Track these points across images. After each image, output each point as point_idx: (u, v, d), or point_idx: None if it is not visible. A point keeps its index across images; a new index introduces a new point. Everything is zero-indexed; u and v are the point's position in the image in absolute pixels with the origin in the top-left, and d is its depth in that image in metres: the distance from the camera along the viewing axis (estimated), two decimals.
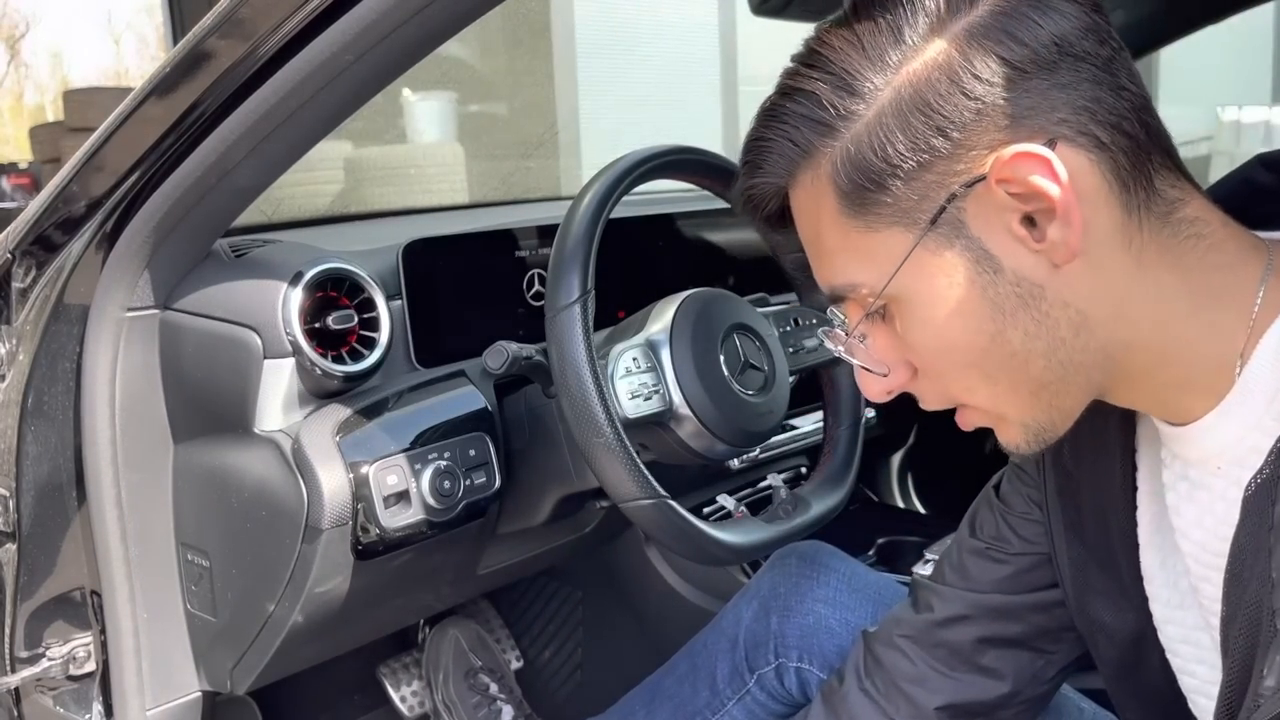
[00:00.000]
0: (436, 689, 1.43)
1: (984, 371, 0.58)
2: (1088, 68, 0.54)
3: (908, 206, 0.56)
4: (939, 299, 0.57)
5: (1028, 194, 0.53)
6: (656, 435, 0.93)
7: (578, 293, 0.84)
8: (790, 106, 0.58)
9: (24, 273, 1.00)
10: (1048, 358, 0.57)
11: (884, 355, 0.62)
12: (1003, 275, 0.55)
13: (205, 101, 0.82)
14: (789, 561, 1.03)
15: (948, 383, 0.61)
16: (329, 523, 0.89)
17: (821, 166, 0.58)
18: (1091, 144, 0.54)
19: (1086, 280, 0.55)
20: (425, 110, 4.89)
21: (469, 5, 0.73)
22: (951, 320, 0.57)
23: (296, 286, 0.91)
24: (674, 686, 1.05)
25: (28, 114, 16.05)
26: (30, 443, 0.98)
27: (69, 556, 1.01)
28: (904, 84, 0.55)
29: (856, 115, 0.56)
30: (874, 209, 0.57)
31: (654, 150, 0.94)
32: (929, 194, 0.55)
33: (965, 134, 0.54)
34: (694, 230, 1.37)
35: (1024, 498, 0.78)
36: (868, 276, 0.58)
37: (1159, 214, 0.56)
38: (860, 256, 0.58)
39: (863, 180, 0.56)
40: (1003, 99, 0.53)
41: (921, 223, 0.56)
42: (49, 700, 1.06)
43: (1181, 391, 0.58)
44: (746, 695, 1.01)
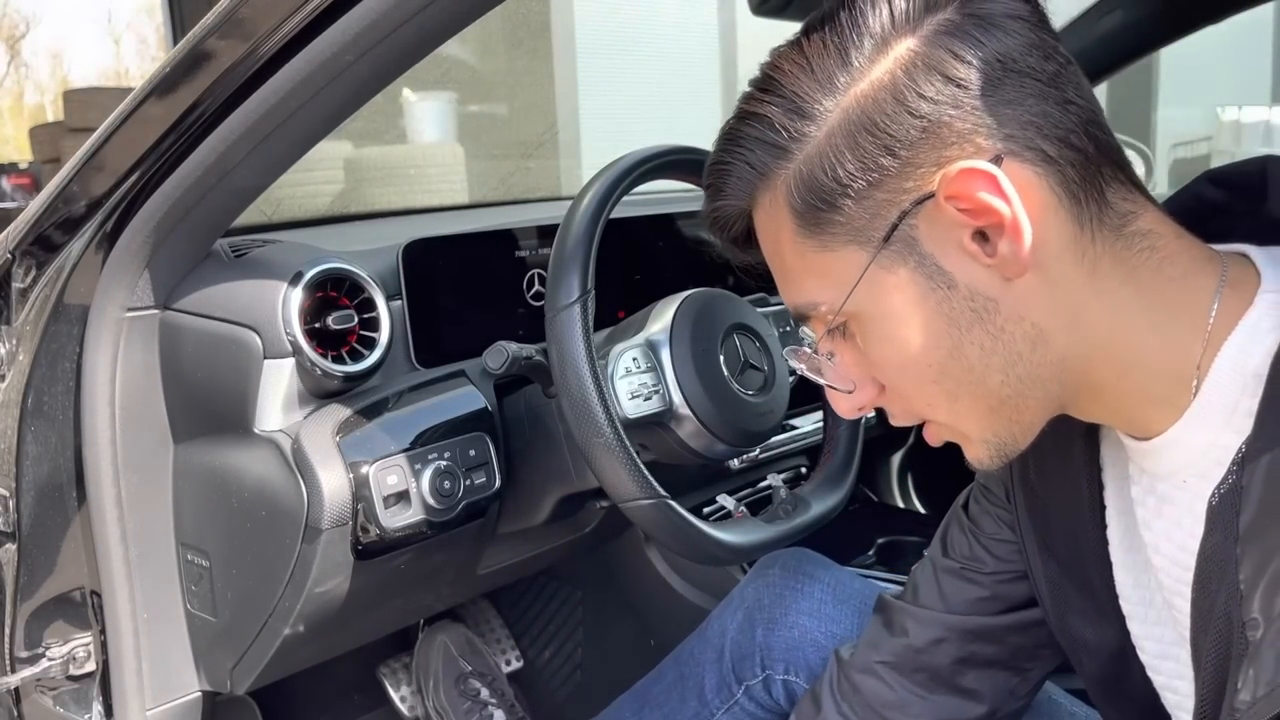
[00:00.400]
0: (427, 695, 1.43)
1: (944, 388, 0.59)
2: (1033, 83, 0.54)
3: (860, 225, 0.56)
4: (895, 315, 0.57)
5: (976, 210, 0.53)
6: (656, 435, 0.93)
7: (578, 293, 0.84)
8: (746, 130, 0.59)
9: (24, 273, 1.00)
10: (1005, 372, 0.57)
11: (851, 372, 0.63)
12: (956, 290, 0.56)
13: (205, 101, 0.82)
14: (772, 572, 1.03)
15: (911, 399, 0.61)
16: (329, 523, 0.89)
17: (777, 189, 0.59)
18: (1039, 158, 0.54)
19: (1040, 294, 0.55)
20: (425, 110, 4.89)
21: (469, 5, 0.73)
22: (909, 336, 0.58)
23: (296, 286, 0.91)
24: (662, 695, 1.05)
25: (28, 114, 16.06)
26: (30, 443, 0.98)
27: (69, 556, 1.01)
28: (852, 105, 0.55)
29: (808, 137, 0.57)
30: (828, 229, 0.57)
31: (654, 150, 0.94)
32: (880, 212, 0.56)
33: (913, 152, 0.54)
34: (694, 230, 1.37)
35: (993, 518, 0.78)
36: (827, 295, 0.59)
37: (1112, 226, 0.56)
38: (818, 276, 0.59)
39: (816, 200, 0.57)
40: (948, 116, 0.54)
41: (875, 240, 0.56)
42: (49, 700, 1.06)
43: (1142, 404, 0.59)
44: (735, 706, 1.01)
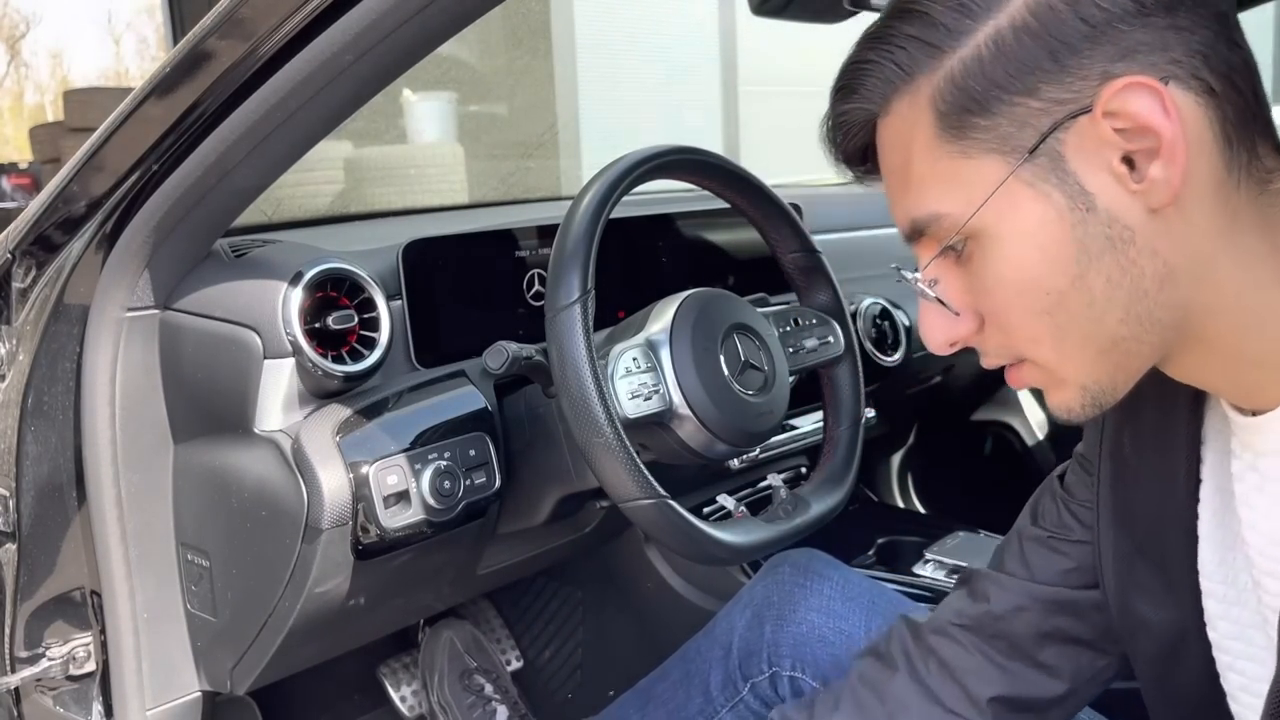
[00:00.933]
0: (432, 690, 1.44)
1: (1055, 321, 0.57)
2: (1207, 15, 0.53)
3: (1007, 133, 0.55)
4: (1025, 234, 0.55)
5: (1134, 129, 0.52)
6: (656, 435, 0.93)
7: (578, 293, 0.84)
8: (900, 27, 0.57)
9: (24, 273, 1.00)
10: (1127, 309, 0.55)
11: (953, 301, 0.61)
12: (1095, 215, 0.54)
13: (205, 101, 0.82)
14: (782, 570, 1.03)
15: (1014, 333, 0.59)
16: (329, 523, 0.89)
17: (921, 90, 0.57)
18: (1203, 89, 0.53)
19: (1178, 231, 0.54)
20: (425, 110, 4.89)
21: (469, 5, 0.73)
22: (1034, 258, 0.56)
23: (296, 286, 0.91)
24: (667, 692, 1.05)
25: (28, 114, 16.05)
26: (30, 443, 0.98)
27: (69, 556, 1.01)
28: (1019, 4, 0.54)
29: (967, 35, 0.55)
30: (971, 134, 0.55)
31: (654, 150, 0.94)
32: (1031, 121, 0.54)
33: (1076, 59, 0.53)
34: (694, 230, 1.37)
35: (1087, 486, 0.77)
36: (954, 206, 0.57)
37: (1257, 179, 0.55)
38: (949, 185, 0.57)
39: (965, 103, 0.55)
40: (1119, 28, 0.52)
41: (1019, 151, 0.54)
42: (49, 700, 1.06)
43: (1256, 369, 0.57)
44: (740, 703, 1.01)
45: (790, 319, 1.06)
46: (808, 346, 1.06)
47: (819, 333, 1.07)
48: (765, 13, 1.04)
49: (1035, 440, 2.17)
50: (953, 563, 1.38)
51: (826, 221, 1.66)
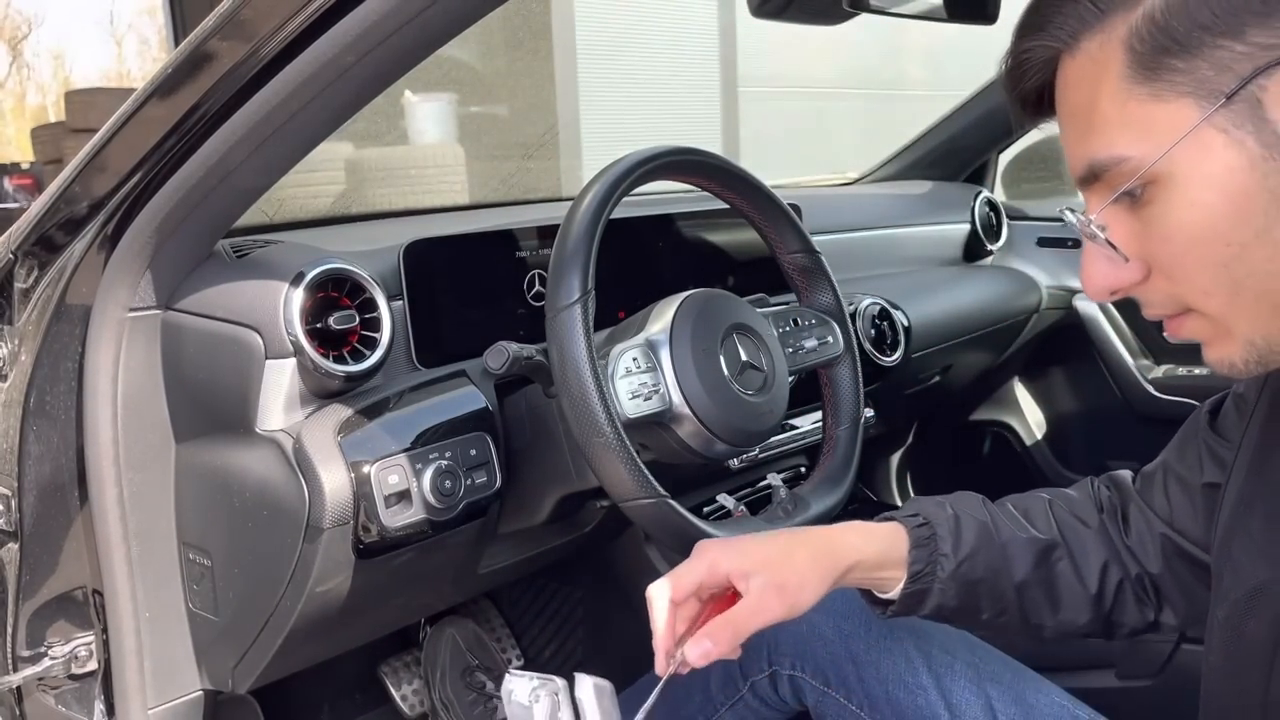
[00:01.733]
0: (434, 688, 1.44)
1: (1232, 274, 0.55)
2: None
3: (1204, 77, 0.53)
4: (1213, 181, 0.54)
5: None
6: (656, 435, 0.93)
7: (578, 293, 0.84)
8: None
9: (26, 273, 1.00)
10: None
11: (1123, 246, 0.59)
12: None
13: (207, 102, 0.83)
14: None
15: (1185, 283, 0.58)
16: (330, 522, 0.89)
17: (1116, 29, 0.56)
18: None
19: None
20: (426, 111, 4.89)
21: (470, 7, 0.74)
22: (1221, 206, 0.54)
23: (298, 287, 0.91)
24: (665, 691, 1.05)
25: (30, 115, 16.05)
26: (32, 442, 0.98)
27: (71, 556, 1.02)
28: None
29: None
30: (1166, 76, 0.54)
31: (654, 151, 0.95)
32: (1231, 66, 0.52)
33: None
34: (694, 230, 1.37)
35: (1236, 426, 0.76)
36: (1140, 149, 0.55)
37: None
38: (1137, 128, 0.56)
39: (1165, 43, 0.54)
40: None
41: (1216, 96, 0.53)
42: (51, 699, 1.06)
43: None
44: (739, 702, 1.01)
45: (790, 319, 1.07)
46: (807, 346, 1.06)
47: (818, 333, 1.08)
48: (765, 14, 1.04)
49: (1034, 440, 2.17)
50: None
51: (826, 221, 1.67)
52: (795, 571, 0.77)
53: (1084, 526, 0.87)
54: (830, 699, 0.97)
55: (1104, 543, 0.86)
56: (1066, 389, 2.18)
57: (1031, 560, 0.84)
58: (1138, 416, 2.01)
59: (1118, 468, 0.92)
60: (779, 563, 0.78)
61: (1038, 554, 0.85)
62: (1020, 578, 0.84)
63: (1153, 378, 1.99)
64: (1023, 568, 0.84)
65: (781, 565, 0.77)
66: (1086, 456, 2.11)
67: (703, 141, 1.04)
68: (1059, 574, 0.85)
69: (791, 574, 0.77)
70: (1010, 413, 2.22)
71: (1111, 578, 0.85)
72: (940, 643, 0.94)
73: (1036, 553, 0.85)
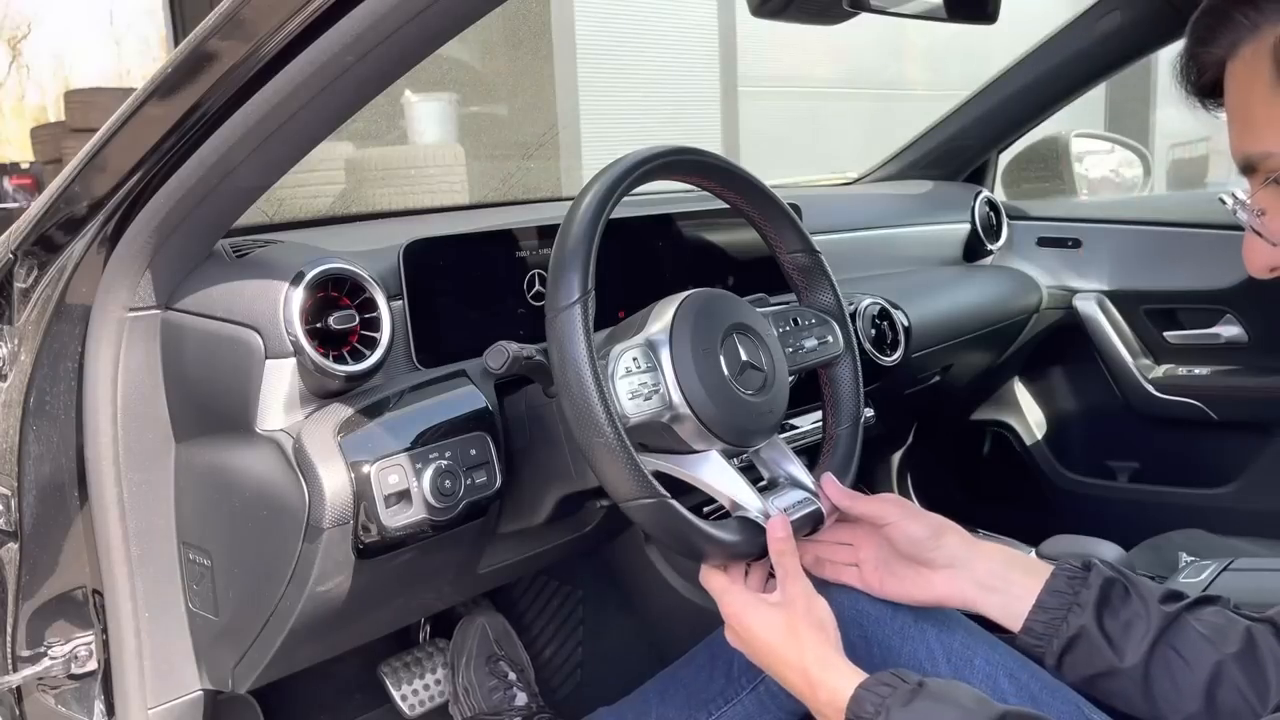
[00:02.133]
0: (458, 673, 1.45)
1: None
2: None
3: None
4: None
5: None
6: (657, 435, 0.93)
7: (578, 293, 0.84)
8: None
9: (26, 273, 1.00)
10: None
11: (1271, 233, 0.68)
12: None
13: (207, 102, 0.83)
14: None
15: None
16: (330, 522, 0.89)
17: (1264, 40, 0.64)
18: None
19: None
20: (426, 111, 4.89)
21: (470, 6, 0.74)
22: None
23: (298, 286, 0.91)
24: (690, 675, 1.06)
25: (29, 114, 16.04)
26: (32, 442, 0.98)
27: (71, 555, 1.02)
28: None
29: None
30: None
31: (654, 151, 0.95)
32: None
33: None
34: (694, 230, 1.37)
35: None
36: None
37: None
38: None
39: None
40: None
41: None
42: (50, 699, 1.06)
43: None
44: (760, 686, 1.01)
45: (790, 319, 1.07)
46: (807, 346, 1.06)
47: (818, 332, 1.07)
48: (765, 14, 1.05)
49: (1033, 440, 2.17)
50: None
51: (826, 221, 1.67)
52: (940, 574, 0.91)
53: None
54: None
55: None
56: (1066, 389, 2.18)
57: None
58: (1138, 416, 2.01)
59: (1118, 468, 0.92)
60: (938, 553, 0.91)
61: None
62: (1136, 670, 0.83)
63: (1153, 378, 1.99)
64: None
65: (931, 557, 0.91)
66: (1086, 456, 2.11)
67: (703, 141, 1.04)
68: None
69: (898, 566, 0.93)
70: (1010, 413, 2.22)
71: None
72: (962, 638, 0.94)
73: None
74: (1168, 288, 2.00)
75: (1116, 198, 2.43)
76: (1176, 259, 1.99)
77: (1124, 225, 2.07)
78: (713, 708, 1.04)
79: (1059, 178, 2.32)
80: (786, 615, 0.84)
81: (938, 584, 0.92)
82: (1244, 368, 1.94)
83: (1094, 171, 2.41)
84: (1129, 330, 2.04)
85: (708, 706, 1.04)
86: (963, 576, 0.91)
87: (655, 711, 1.08)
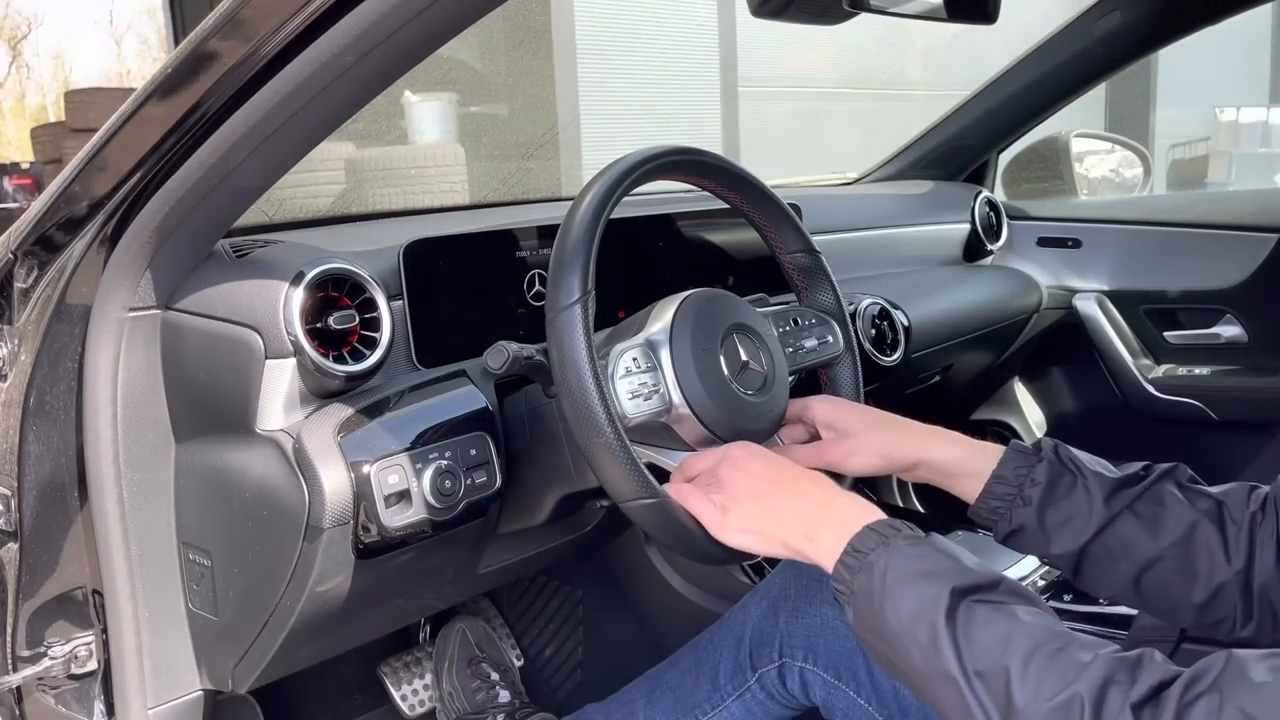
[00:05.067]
0: (441, 679, 1.45)
1: None
2: None
3: None
4: None
5: None
6: (656, 435, 0.93)
7: (578, 293, 0.84)
8: None
9: (26, 273, 1.00)
10: None
11: None
12: None
13: (207, 102, 0.83)
14: (801, 565, 1.04)
15: None
16: (330, 522, 0.89)
17: None
18: None
19: None
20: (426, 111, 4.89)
21: (470, 6, 0.74)
22: None
23: (298, 286, 0.91)
24: (675, 679, 1.06)
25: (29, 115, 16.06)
26: (32, 442, 0.98)
27: (71, 555, 1.02)
28: None
29: None
30: None
31: (654, 151, 0.95)
32: None
33: None
34: (694, 230, 1.37)
35: None
36: None
37: None
38: None
39: None
40: None
41: None
42: (50, 699, 1.06)
43: None
44: (746, 692, 1.01)
45: (789, 319, 1.07)
46: (807, 346, 1.06)
47: (818, 333, 1.08)
48: (765, 14, 1.05)
49: (1034, 440, 2.17)
50: None
51: (826, 221, 1.67)
52: (861, 439, 0.93)
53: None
54: (840, 692, 0.97)
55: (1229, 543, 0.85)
56: (1066, 389, 2.18)
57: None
58: (1138, 416, 2.01)
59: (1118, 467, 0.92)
60: (852, 423, 0.94)
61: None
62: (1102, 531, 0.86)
63: (1153, 378, 1.99)
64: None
65: (849, 428, 0.94)
66: None
67: (703, 141, 1.04)
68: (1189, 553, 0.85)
69: (858, 438, 0.94)
70: (1010, 413, 2.22)
71: (1218, 575, 0.84)
72: None
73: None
74: (1168, 288, 2.00)
75: (1116, 198, 2.43)
76: (1176, 259, 1.99)
77: (1124, 225, 2.07)
78: (699, 712, 1.04)
79: (1059, 178, 2.32)
80: (788, 461, 0.86)
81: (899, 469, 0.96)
82: (1244, 368, 1.94)
83: (1094, 171, 2.41)
84: (1129, 330, 2.04)
85: (694, 711, 1.04)
86: (922, 469, 0.95)
87: (643, 713, 1.08)
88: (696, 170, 0.99)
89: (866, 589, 0.74)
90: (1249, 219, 1.94)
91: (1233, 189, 7.14)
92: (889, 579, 0.72)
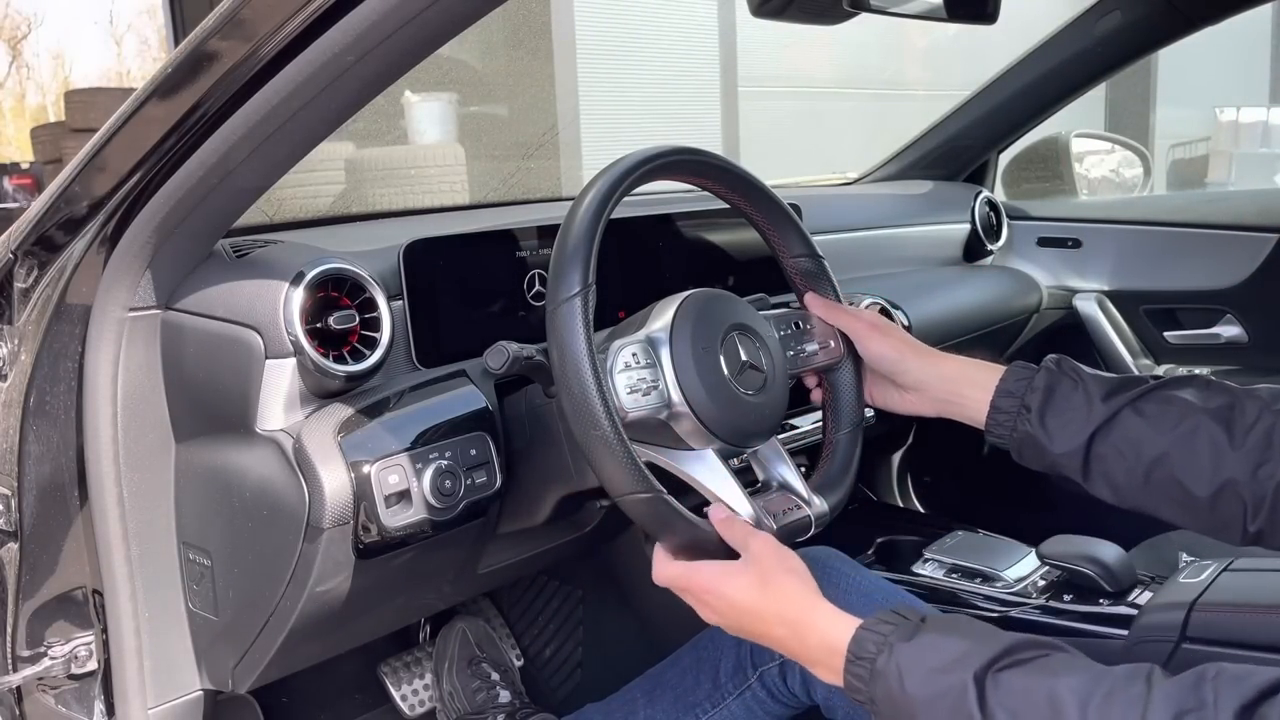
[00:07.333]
0: (441, 679, 1.45)
1: None
2: None
3: None
4: None
5: None
6: (655, 433, 0.93)
7: (579, 286, 0.84)
8: None
9: (26, 273, 1.00)
10: None
11: None
12: None
13: (207, 102, 0.83)
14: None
15: None
16: (330, 522, 0.89)
17: None
18: None
19: None
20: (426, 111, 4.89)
21: (470, 6, 0.74)
22: None
23: (298, 286, 0.91)
24: (676, 677, 1.06)
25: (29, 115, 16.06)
26: (32, 442, 0.98)
27: (71, 555, 1.02)
28: None
29: None
30: None
31: (654, 151, 0.95)
32: None
33: None
34: (694, 230, 1.37)
35: None
36: None
37: None
38: None
39: None
40: None
41: None
42: (50, 699, 1.06)
43: None
44: (747, 691, 1.01)
45: (790, 321, 1.07)
46: (809, 350, 1.06)
47: (820, 337, 1.07)
48: (765, 14, 1.05)
49: None
50: (952, 562, 1.39)
51: (826, 221, 1.67)
52: None
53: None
54: (840, 691, 0.97)
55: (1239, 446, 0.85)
56: None
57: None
58: None
59: None
60: None
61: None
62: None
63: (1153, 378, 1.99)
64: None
65: None
66: None
67: (703, 141, 1.04)
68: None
69: None
70: None
71: (1224, 470, 0.84)
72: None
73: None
74: (1168, 288, 1.99)
75: (1116, 198, 2.43)
76: (1176, 259, 1.99)
77: (1124, 225, 2.07)
78: (699, 711, 1.04)
79: (1059, 178, 2.32)
80: (759, 571, 0.82)
81: (909, 401, 1.01)
82: (1244, 368, 1.93)
83: (1094, 171, 2.41)
84: (1129, 330, 2.03)
85: (694, 710, 1.04)
86: (925, 397, 0.99)
87: (643, 712, 1.08)
88: (698, 171, 0.99)
89: (888, 698, 0.73)
90: (1249, 219, 1.94)
91: (1233, 189, 7.14)
92: (908, 686, 0.71)
